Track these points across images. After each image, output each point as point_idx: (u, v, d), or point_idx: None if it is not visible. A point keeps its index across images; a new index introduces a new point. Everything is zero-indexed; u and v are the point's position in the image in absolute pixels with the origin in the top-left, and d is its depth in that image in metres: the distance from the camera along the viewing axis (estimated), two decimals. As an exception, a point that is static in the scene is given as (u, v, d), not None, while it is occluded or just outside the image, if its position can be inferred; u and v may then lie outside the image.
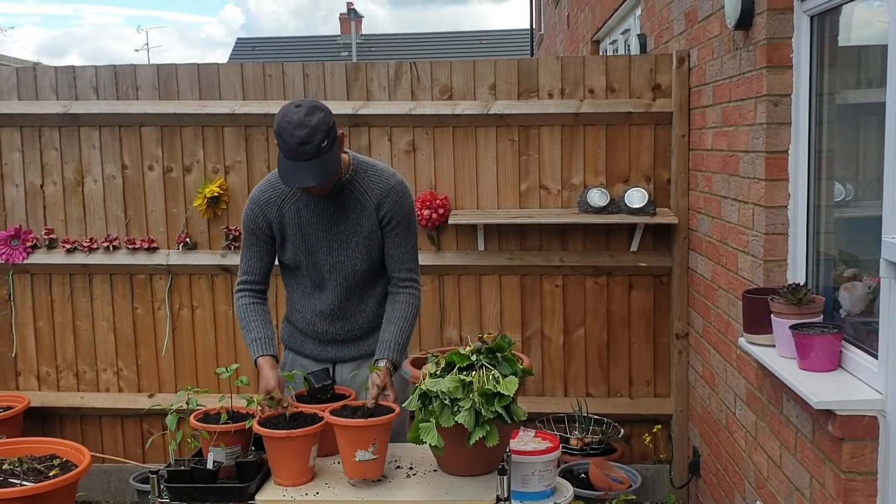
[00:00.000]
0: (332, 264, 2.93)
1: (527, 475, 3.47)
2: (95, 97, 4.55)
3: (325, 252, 2.92)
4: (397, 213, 2.91)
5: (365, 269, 2.95)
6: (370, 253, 2.93)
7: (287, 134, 2.64)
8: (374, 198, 2.89)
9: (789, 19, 2.95)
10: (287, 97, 4.46)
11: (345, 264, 2.93)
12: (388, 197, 2.89)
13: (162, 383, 4.69)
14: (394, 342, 2.88)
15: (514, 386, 2.40)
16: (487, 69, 4.42)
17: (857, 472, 2.34)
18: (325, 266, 2.94)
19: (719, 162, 3.65)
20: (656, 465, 4.49)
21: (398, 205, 2.91)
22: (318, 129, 2.64)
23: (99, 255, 4.61)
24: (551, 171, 4.43)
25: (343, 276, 2.94)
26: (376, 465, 2.49)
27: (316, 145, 2.64)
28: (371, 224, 2.90)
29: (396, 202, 2.90)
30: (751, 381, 3.20)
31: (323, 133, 2.65)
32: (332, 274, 2.95)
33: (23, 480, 2.89)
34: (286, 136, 2.65)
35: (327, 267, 2.94)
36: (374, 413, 2.56)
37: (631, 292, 4.49)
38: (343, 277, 2.95)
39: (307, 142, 2.63)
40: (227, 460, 2.54)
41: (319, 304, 2.99)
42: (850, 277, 2.73)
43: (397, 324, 2.91)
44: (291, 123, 2.64)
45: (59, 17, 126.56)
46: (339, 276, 2.95)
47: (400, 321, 2.91)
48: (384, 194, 2.89)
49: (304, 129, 2.63)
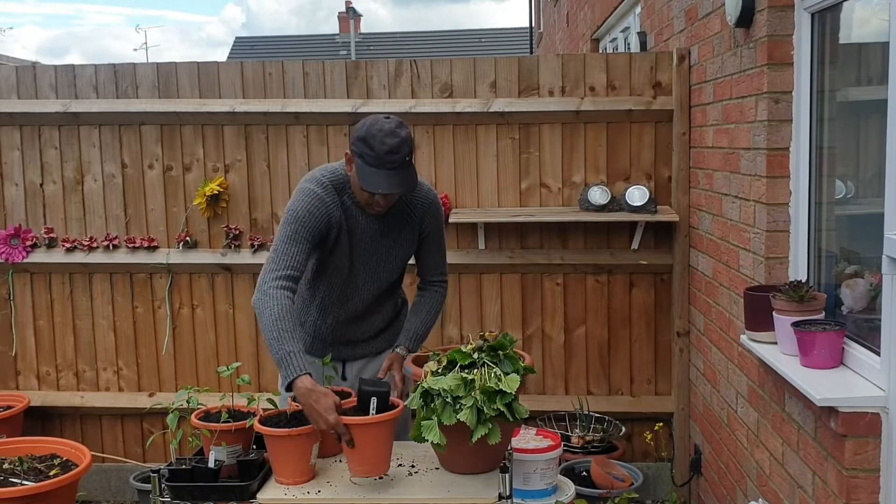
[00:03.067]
0: (369, 276, 2.98)
1: (528, 473, 3.47)
2: (95, 96, 4.55)
3: (364, 264, 2.96)
4: (436, 225, 3.05)
5: (396, 280, 3.08)
6: (402, 266, 3.06)
7: (377, 141, 2.68)
8: (419, 213, 2.98)
9: (790, 16, 2.95)
10: (287, 95, 4.46)
11: (381, 275, 3.00)
12: (429, 211, 3.00)
13: (162, 382, 4.69)
14: (413, 332, 3.02)
15: (515, 383, 2.40)
16: (488, 67, 4.41)
17: (859, 469, 2.33)
18: (360, 277, 2.98)
19: (720, 159, 3.65)
20: (658, 463, 4.49)
21: (436, 217, 3.04)
22: (406, 142, 2.71)
23: (99, 254, 4.60)
24: (552, 170, 4.43)
25: (377, 286, 3.02)
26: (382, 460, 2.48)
27: (403, 156, 2.71)
28: (412, 237, 3.00)
29: (436, 215, 3.04)
30: (752, 378, 3.20)
31: (409, 146, 2.73)
32: (366, 285, 3.00)
33: (23, 480, 2.89)
34: (375, 144, 2.68)
35: (362, 278, 2.98)
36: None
37: (632, 290, 4.49)
38: (376, 288, 3.02)
39: (397, 151, 2.68)
40: (229, 459, 2.54)
41: (343, 312, 3.02)
42: (851, 274, 2.73)
43: (420, 316, 3.05)
44: (383, 132, 2.69)
45: (60, 17, 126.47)
46: (371, 287, 3.01)
47: (423, 314, 3.06)
48: (426, 208, 2.99)
49: (396, 138, 2.68)
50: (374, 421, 2.44)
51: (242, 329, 4.62)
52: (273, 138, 4.50)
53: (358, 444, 2.43)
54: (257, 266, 4.36)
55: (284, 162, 4.50)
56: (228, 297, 4.60)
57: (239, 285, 4.59)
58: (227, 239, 4.55)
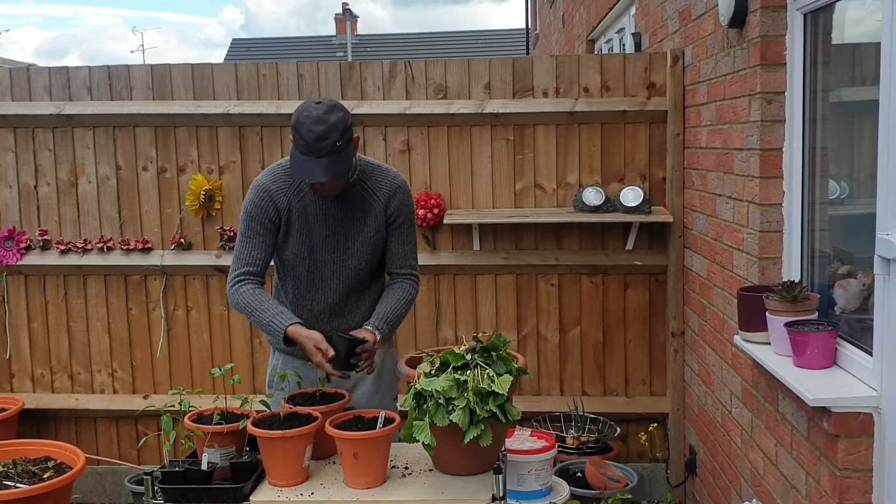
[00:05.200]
0: (336, 263, 2.93)
1: (523, 474, 3.46)
2: (89, 98, 4.54)
3: (329, 251, 2.92)
4: (403, 211, 2.96)
5: (367, 269, 2.97)
6: (374, 252, 2.96)
7: (304, 129, 2.66)
8: (383, 197, 2.92)
9: (783, 17, 2.95)
10: (281, 97, 4.45)
11: (348, 264, 2.94)
12: (395, 195, 2.93)
13: (157, 384, 4.68)
14: (382, 314, 2.91)
15: (508, 385, 2.40)
16: (482, 68, 4.41)
17: (852, 469, 2.34)
18: (327, 265, 2.94)
19: (714, 160, 3.65)
20: (653, 463, 4.49)
21: (404, 203, 2.96)
22: (335, 128, 2.67)
23: (93, 256, 4.60)
24: (546, 170, 4.43)
25: (346, 275, 2.95)
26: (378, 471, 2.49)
27: (332, 143, 2.66)
28: (378, 223, 2.93)
29: (403, 201, 2.96)
30: (746, 379, 3.20)
31: (339, 132, 2.68)
32: (335, 273, 2.95)
33: (17, 482, 2.88)
34: (303, 131, 2.66)
35: (329, 266, 2.94)
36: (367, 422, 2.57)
37: (626, 291, 4.49)
38: (346, 276, 2.95)
39: (323, 138, 2.65)
40: (222, 461, 2.53)
41: (317, 304, 2.98)
42: (844, 274, 2.73)
43: (389, 302, 2.95)
44: (310, 119, 2.66)
45: (58, 19, 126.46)
46: (340, 276, 2.95)
47: (392, 300, 2.95)
48: (392, 193, 2.93)
49: (322, 125, 2.65)
50: (375, 436, 2.46)
51: (237, 330, 4.62)
52: (267, 140, 4.49)
53: (360, 457, 2.45)
54: (252, 268, 4.38)
55: (279, 163, 4.49)
56: (222, 298, 4.59)
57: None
58: (222, 240, 4.55)
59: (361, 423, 2.58)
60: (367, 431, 2.49)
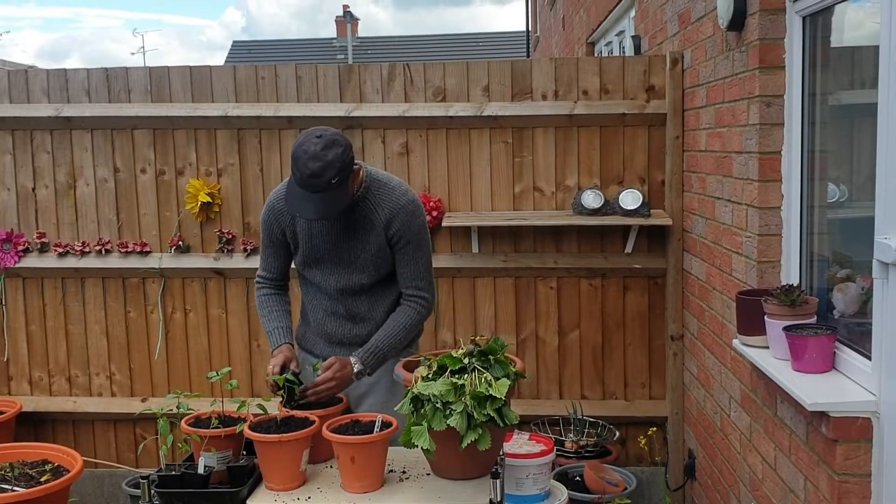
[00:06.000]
0: (342, 275, 2.96)
1: (521, 478, 3.46)
2: (87, 100, 4.53)
3: (335, 264, 2.95)
4: (406, 232, 2.90)
5: (373, 283, 2.97)
6: (378, 270, 2.95)
7: (301, 163, 2.66)
8: (384, 217, 2.88)
9: (781, 20, 2.94)
10: (280, 99, 4.45)
11: (352, 279, 2.96)
12: (397, 217, 2.88)
13: (155, 387, 4.67)
14: (372, 347, 2.91)
15: (505, 389, 2.39)
16: (481, 71, 4.41)
17: (850, 473, 2.33)
18: (331, 277, 2.97)
19: (713, 163, 3.65)
20: (652, 467, 4.48)
21: (407, 224, 2.89)
22: (331, 165, 2.64)
23: (91, 259, 4.59)
24: (545, 173, 4.42)
25: (351, 289, 2.98)
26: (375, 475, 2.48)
27: (326, 180, 2.65)
28: (379, 242, 2.90)
29: (405, 222, 2.89)
30: (745, 382, 3.19)
31: (336, 170, 2.65)
32: (342, 285, 2.98)
33: (14, 486, 2.87)
34: (299, 165, 2.67)
35: (335, 277, 2.97)
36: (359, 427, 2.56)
37: (625, 294, 4.48)
38: (353, 289, 2.98)
39: (318, 175, 2.64)
40: (219, 465, 2.52)
41: (330, 310, 3.03)
42: (843, 278, 2.72)
43: (385, 331, 2.94)
44: (307, 154, 2.65)
45: (60, 21, 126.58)
46: (347, 288, 2.98)
47: (389, 329, 2.95)
48: (393, 214, 2.88)
49: (318, 162, 2.64)
50: (372, 440, 2.45)
51: (235, 333, 4.61)
52: (266, 142, 4.49)
53: (357, 461, 2.44)
54: (250, 270, 4.38)
55: (277, 166, 4.49)
56: (221, 301, 4.58)
57: (231, 290, 4.58)
58: (220, 243, 4.54)
59: (358, 427, 2.57)
60: (364, 435, 2.49)
